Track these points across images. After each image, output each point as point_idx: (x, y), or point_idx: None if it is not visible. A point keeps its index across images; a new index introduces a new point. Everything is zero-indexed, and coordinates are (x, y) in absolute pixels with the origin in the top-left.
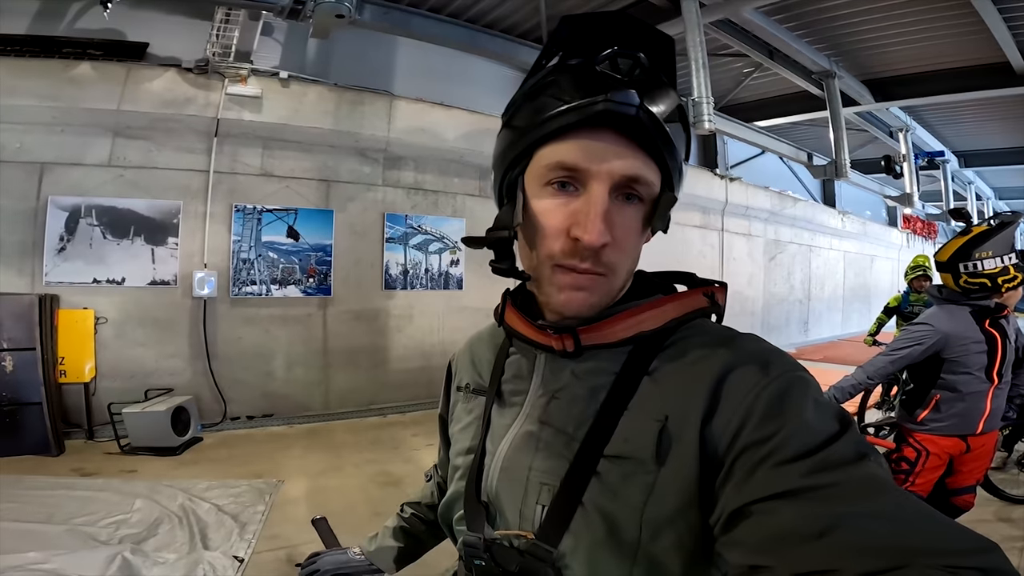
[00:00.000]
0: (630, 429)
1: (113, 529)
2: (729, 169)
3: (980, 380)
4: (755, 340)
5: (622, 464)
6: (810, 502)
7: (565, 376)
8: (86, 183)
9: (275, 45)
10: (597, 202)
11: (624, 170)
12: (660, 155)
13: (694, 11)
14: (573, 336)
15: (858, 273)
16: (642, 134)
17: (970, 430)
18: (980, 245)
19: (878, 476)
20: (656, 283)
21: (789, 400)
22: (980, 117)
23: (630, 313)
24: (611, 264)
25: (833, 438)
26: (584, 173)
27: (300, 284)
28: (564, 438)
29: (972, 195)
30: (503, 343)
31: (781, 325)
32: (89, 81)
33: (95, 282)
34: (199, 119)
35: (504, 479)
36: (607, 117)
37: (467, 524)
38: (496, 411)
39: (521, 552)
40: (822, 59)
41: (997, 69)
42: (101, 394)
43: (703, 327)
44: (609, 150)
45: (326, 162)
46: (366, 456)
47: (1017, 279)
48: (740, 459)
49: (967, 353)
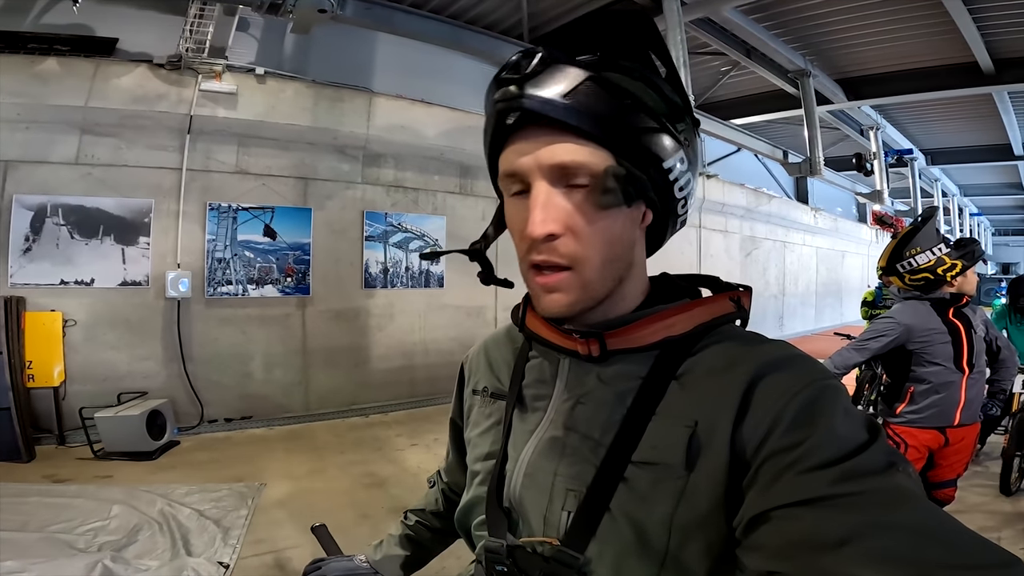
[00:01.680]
0: (659, 435)
1: (91, 536)
2: (706, 166)
3: (950, 371)
4: (785, 346)
5: (651, 470)
6: (833, 510)
7: (591, 381)
8: (52, 181)
9: (251, 41)
10: (535, 196)
11: (550, 159)
12: (591, 134)
13: (675, 9)
14: (599, 340)
15: (830, 268)
16: (555, 120)
17: (948, 421)
18: (908, 244)
19: (905, 487)
20: (682, 287)
21: (819, 408)
22: (947, 116)
23: (658, 317)
24: (572, 255)
25: (862, 447)
26: (523, 174)
27: (278, 284)
28: (591, 443)
29: (938, 192)
30: (522, 346)
31: (757, 320)
32: (56, 77)
33: (63, 283)
34: (171, 116)
35: (528, 485)
36: (513, 115)
37: (488, 530)
38: (517, 416)
39: (545, 559)
40: (797, 58)
41: (965, 69)
42: (71, 398)
43: (731, 332)
44: (536, 145)
45: (304, 159)
46: (349, 457)
47: (958, 266)
48: (766, 465)
49: (932, 344)
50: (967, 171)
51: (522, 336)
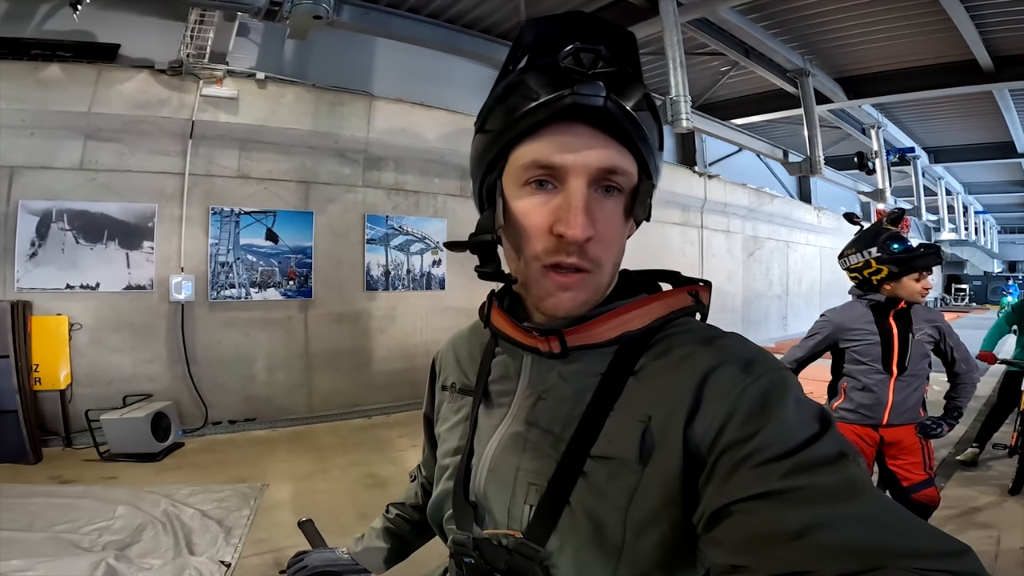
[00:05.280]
0: (615, 429)
1: (96, 536)
2: (707, 167)
3: (877, 371)
4: (738, 340)
5: (607, 464)
6: (788, 503)
7: (552, 377)
8: (57, 187)
9: (251, 46)
10: (577, 196)
11: (600, 162)
12: (634, 144)
13: (672, 10)
14: (559, 338)
15: (834, 268)
16: (613, 124)
17: (877, 419)
18: (851, 244)
19: (856, 477)
20: (641, 282)
21: (771, 399)
22: (949, 114)
23: (615, 313)
24: (596, 258)
25: (813, 439)
26: (560, 169)
27: (280, 287)
28: (551, 438)
29: (942, 190)
30: (488, 343)
31: (761, 320)
32: (59, 83)
33: (68, 288)
34: (173, 121)
35: (492, 479)
36: (576, 110)
37: (456, 523)
38: (483, 411)
39: (510, 551)
40: (796, 57)
41: (965, 67)
42: (77, 401)
43: (688, 326)
44: (583, 143)
45: (305, 163)
46: (351, 458)
47: (883, 272)
48: (722, 458)
49: (860, 343)
50: (971, 169)
51: (488, 332)
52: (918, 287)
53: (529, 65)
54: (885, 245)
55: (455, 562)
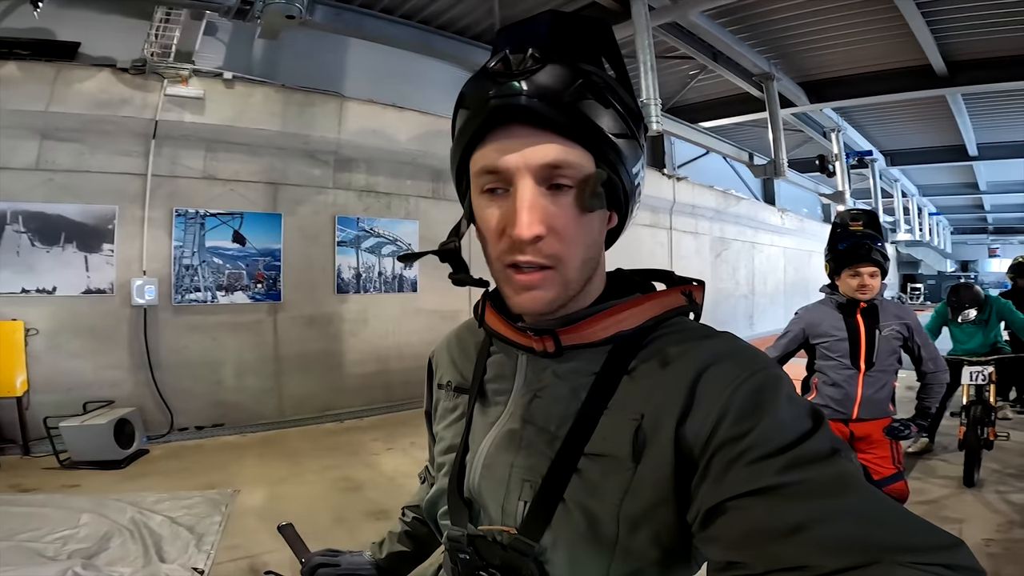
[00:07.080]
0: (609, 427)
1: (60, 544)
2: (676, 169)
3: (846, 367)
4: (731, 339)
5: (601, 462)
6: (783, 499)
7: (547, 376)
8: (12, 188)
9: (219, 45)
10: (523, 196)
11: (542, 159)
12: (580, 135)
13: (643, 14)
14: (553, 337)
15: (797, 268)
16: (548, 120)
17: (847, 414)
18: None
19: (849, 472)
20: (636, 281)
21: (763, 397)
22: (904, 118)
23: (609, 313)
24: (555, 255)
25: (806, 435)
26: (506, 172)
27: (248, 290)
28: (546, 436)
29: (898, 192)
30: (483, 341)
31: (728, 320)
32: (15, 82)
33: (24, 292)
34: (136, 121)
35: (486, 476)
36: (507, 112)
37: (451, 519)
38: (479, 409)
39: (504, 547)
40: (762, 61)
41: (920, 71)
42: (35, 408)
43: (681, 325)
44: (523, 143)
45: (274, 164)
46: (325, 462)
47: (826, 268)
48: (716, 456)
49: (829, 339)
50: (925, 171)
51: (484, 331)
52: (853, 284)
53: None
54: (832, 243)
55: (450, 558)
